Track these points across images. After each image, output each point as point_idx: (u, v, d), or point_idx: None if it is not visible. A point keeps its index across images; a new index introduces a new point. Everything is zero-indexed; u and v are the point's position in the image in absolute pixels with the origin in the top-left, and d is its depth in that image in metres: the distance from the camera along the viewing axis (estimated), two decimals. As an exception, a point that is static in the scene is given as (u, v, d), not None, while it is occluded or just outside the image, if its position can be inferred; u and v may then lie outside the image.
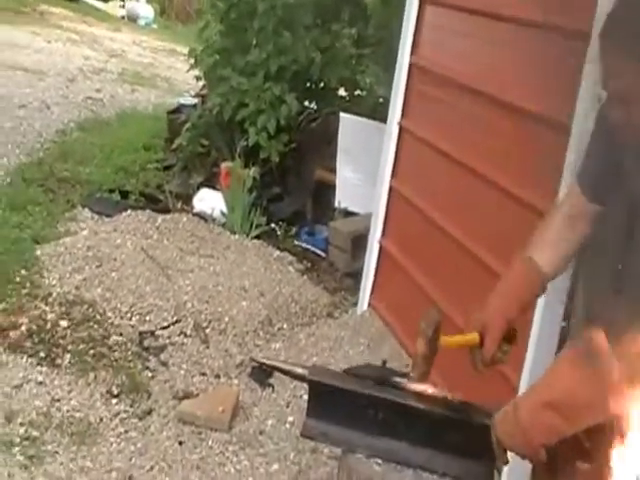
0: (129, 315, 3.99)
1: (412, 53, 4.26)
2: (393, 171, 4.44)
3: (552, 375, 1.66)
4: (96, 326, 3.80)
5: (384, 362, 2.28)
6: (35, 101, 7.55)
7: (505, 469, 3.12)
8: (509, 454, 1.85)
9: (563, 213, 2.13)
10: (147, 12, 15.49)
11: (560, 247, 2.09)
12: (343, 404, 2.12)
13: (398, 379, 2.19)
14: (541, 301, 3.02)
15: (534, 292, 2.09)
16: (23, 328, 3.61)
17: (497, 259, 3.28)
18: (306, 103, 6.29)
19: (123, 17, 15.12)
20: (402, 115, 4.35)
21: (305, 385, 3.26)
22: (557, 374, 1.64)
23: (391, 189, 4.45)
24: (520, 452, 1.71)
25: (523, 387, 3.05)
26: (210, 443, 3.16)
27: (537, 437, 1.65)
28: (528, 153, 3.27)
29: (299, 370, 2.27)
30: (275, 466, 3.08)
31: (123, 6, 15.49)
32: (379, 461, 2.09)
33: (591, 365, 1.57)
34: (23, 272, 4.15)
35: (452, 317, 3.65)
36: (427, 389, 2.20)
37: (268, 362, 3.15)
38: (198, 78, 6.68)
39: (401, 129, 4.36)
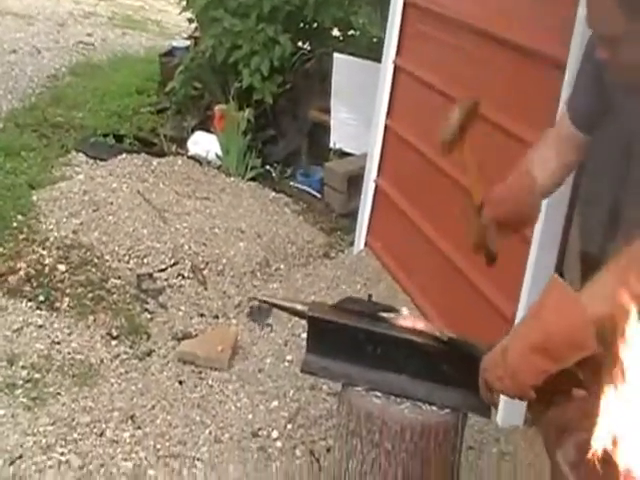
0: (127, 258, 4.01)
1: None
2: (388, 110, 4.41)
3: (538, 316, 1.66)
4: (94, 270, 3.82)
5: (370, 296, 2.31)
6: (26, 46, 7.48)
7: (501, 406, 3.20)
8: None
9: (553, 143, 2.21)
10: (136, -47, 15.22)
11: (548, 169, 2.19)
12: (342, 339, 2.16)
13: (385, 314, 2.23)
14: (536, 237, 3.05)
15: (531, 190, 2.19)
16: (21, 273, 3.63)
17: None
18: (300, 44, 6.23)
19: (112, -41, 14.86)
20: (397, 54, 4.32)
21: (303, 323, 3.32)
22: (543, 314, 1.65)
23: (386, 128, 4.44)
24: (510, 394, 1.74)
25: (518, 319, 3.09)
26: (210, 382, 3.19)
27: (526, 379, 1.67)
28: (524, 89, 3.26)
29: (299, 307, 2.31)
30: (275, 403, 3.12)
31: (112, -52, 15.22)
32: (378, 394, 2.14)
33: (576, 303, 1.59)
34: (20, 217, 4.15)
35: (450, 256, 3.69)
36: (418, 324, 2.24)
37: (269, 300, 3.22)
38: (190, 20, 6.60)
39: (396, 68, 4.33)
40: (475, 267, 3.51)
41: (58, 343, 3.23)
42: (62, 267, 3.76)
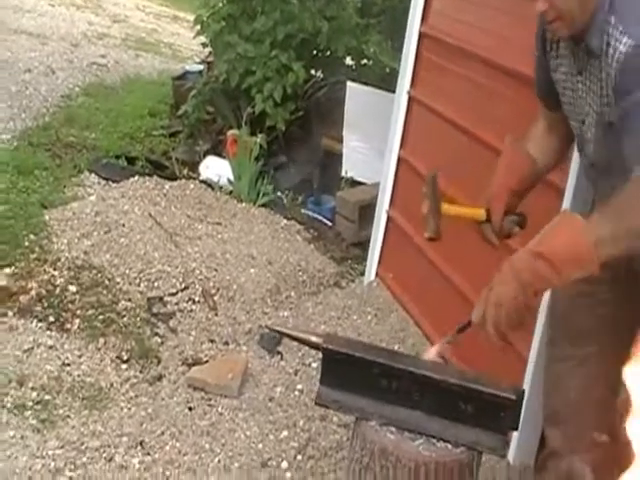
0: (137, 281, 3.99)
1: (422, 22, 4.22)
2: (402, 141, 4.41)
3: (550, 231, 1.77)
4: (105, 291, 3.80)
5: None
6: (40, 65, 7.48)
7: (513, 444, 3.17)
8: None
9: (542, 126, 2.33)
10: (150, -23, 15.32)
11: (547, 144, 2.31)
12: (357, 373, 2.13)
13: None
14: None
15: (530, 175, 2.26)
16: (33, 292, 3.61)
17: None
18: (312, 72, 6.26)
19: (126, -18, 14.97)
20: (411, 85, 4.32)
21: (313, 353, 3.30)
22: (554, 231, 1.76)
23: (399, 159, 4.43)
24: (509, 294, 1.78)
25: (533, 360, 3.06)
26: (220, 409, 3.17)
27: (528, 279, 1.75)
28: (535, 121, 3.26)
29: (314, 338, 2.28)
30: (285, 433, 3.09)
31: (126, -30, 15.33)
32: (392, 429, 2.11)
33: (583, 228, 1.72)
34: (32, 237, 4.13)
35: (461, 288, 3.67)
36: (439, 360, 2.22)
37: (281, 330, 3.19)
38: (204, 45, 6.63)
39: (410, 99, 4.33)
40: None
41: (68, 365, 3.21)
42: (73, 288, 3.74)
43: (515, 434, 3.12)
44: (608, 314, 2.22)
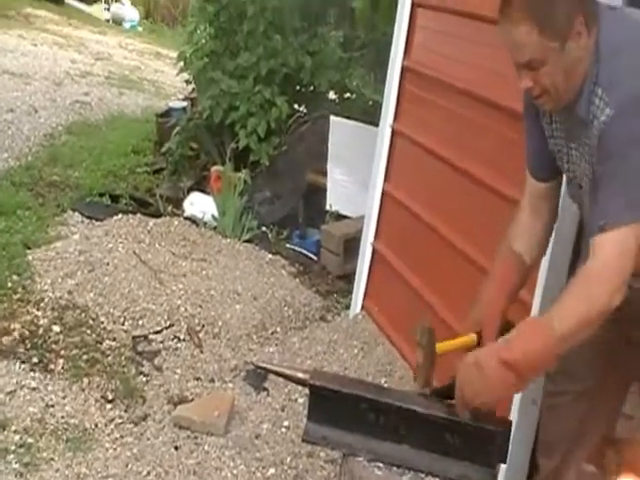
0: (122, 320, 3.97)
1: (405, 56, 4.25)
2: (386, 174, 4.43)
3: (519, 338, 1.86)
4: (89, 331, 3.77)
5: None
6: (23, 105, 7.50)
7: (502, 474, 3.15)
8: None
9: (527, 205, 2.29)
10: (132, 15, 15.42)
11: (532, 236, 2.27)
12: (344, 408, 2.13)
13: None
14: (536, 302, 3.02)
15: (520, 281, 2.26)
16: (15, 334, 3.58)
17: (492, 261, 3.28)
18: (296, 106, 6.29)
19: (108, 20, 15.05)
20: (394, 118, 4.34)
21: (300, 389, 3.27)
22: (523, 338, 1.85)
23: (384, 192, 4.44)
24: (485, 404, 1.94)
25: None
26: (206, 448, 3.13)
27: (499, 391, 1.90)
28: (518, 153, 3.27)
29: (300, 374, 2.27)
30: (272, 470, 3.06)
31: (108, 9, 15.41)
32: (380, 465, 2.10)
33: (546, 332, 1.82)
34: (14, 277, 4.11)
35: (447, 320, 3.65)
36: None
37: (268, 367, 3.16)
38: (188, 82, 6.66)
39: (393, 132, 4.35)
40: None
41: (52, 406, 3.18)
42: (57, 328, 3.71)
43: (503, 467, 3.10)
44: (601, 347, 2.21)
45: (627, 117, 1.86)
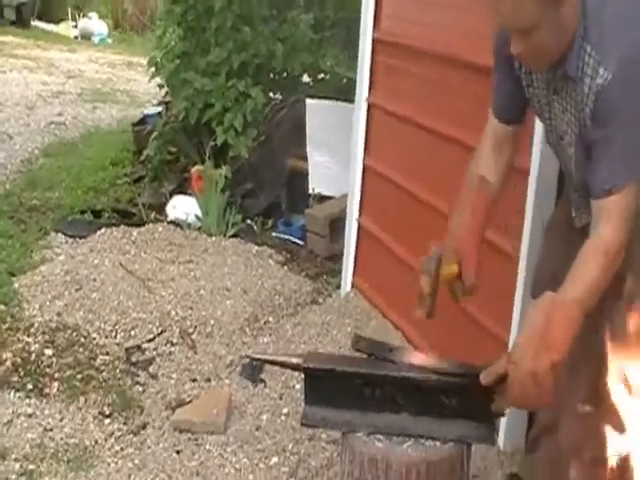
0: (114, 333, 3.99)
1: (374, 28, 4.26)
2: (365, 149, 4.44)
3: (550, 327, 1.88)
4: (81, 349, 3.80)
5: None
6: (-4, 133, 7.52)
7: (502, 429, 3.17)
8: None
9: (491, 143, 2.33)
10: (101, 28, 15.38)
11: (496, 165, 2.32)
12: (340, 387, 2.15)
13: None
14: (523, 256, 3.03)
15: (490, 205, 2.31)
16: (8, 363, 3.60)
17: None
18: (271, 94, 6.29)
19: (77, 37, 15.01)
20: (370, 91, 4.35)
21: (296, 375, 3.29)
22: (553, 326, 1.88)
23: (365, 167, 4.46)
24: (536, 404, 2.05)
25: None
26: (208, 447, 3.16)
27: (546, 382, 1.88)
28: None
29: (294, 360, 2.30)
30: (274, 459, 3.09)
31: (76, 26, 15.38)
32: (380, 437, 2.12)
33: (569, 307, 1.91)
34: (2, 307, 4.12)
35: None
36: (419, 359, 2.24)
37: (262, 357, 3.22)
38: (160, 86, 6.66)
39: (369, 105, 4.36)
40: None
41: (50, 430, 3.20)
42: (49, 351, 3.73)
43: (503, 419, 3.13)
44: None
45: (625, 81, 1.90)
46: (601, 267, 1.93)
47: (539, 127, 2.72)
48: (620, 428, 1.95)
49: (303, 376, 2.20)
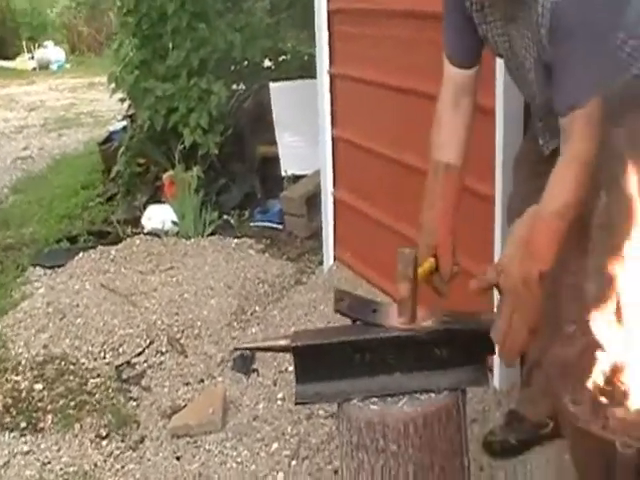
0: (102, 354, 3.96)
1: (328, 2, 4.24)
2: (332, 120, 4.41)
3: (532, 239, 1.89)
4: (72, 377, 3.76)
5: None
6: (-38, 179, 7.48)
7: (496, 369, 3.14)
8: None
9: (448, 100, 2.30)
10: (58, 55, 15.36)
11: (457, 138, 2.28)
12: (329, 358, 2.12)
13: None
14: (498, 197, 3.00)
15: (458, 190, 2.28)
16: (-1, 405, 3.58)
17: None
18: (234, 86, 6.26)
19: (35, 68, 14.97)
20: (330, 63, 4.33)
21: (288, 357, 3.27)
22: (536, 237, 1.89)
23: (334, 139, 4.43)
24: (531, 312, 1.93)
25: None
26: (207, 447, 3.13)
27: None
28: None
29: (281, 342, 2.27)
30: (275, 445, 3.06)
31: (32, 57, 15.34)
32: (375, 400, 2.10)
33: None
34: (-14, 352, 4.11)
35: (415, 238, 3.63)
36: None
37: (250, 346, 3.20)
38: (122, 100, 6.62)
39: (332, 77, 4.34)
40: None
41: (49, 463, 3.16)
42: (39, 386, 3.70)
43: (495, 358, 3.10)
44: None
45: None
46: (576, 177, 1.92)
47: (500, 66, 2.69)
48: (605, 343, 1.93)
49: (292, 355, 2.19)
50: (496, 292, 3.03)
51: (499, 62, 2.63)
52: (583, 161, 1.92)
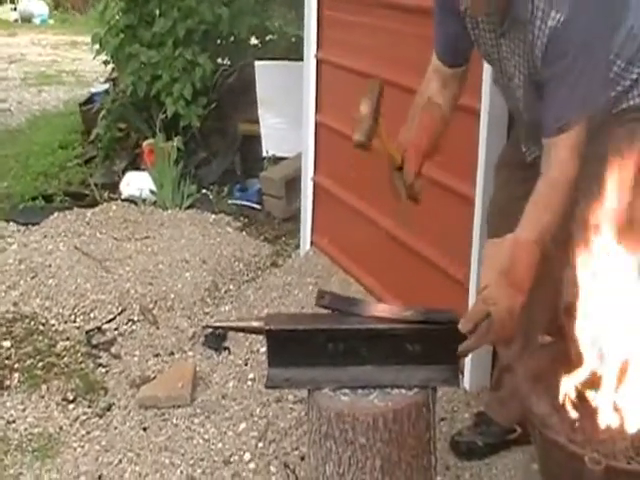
0: (73, 318, 3.93)
1: None
2: (316, 105, 4.39)
3: (513, 263, 1.97)
4: (41, 337, 3.73)
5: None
6: (-62, 129, 7.36)
7: (467, 370, 3.17)
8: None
9: (436, 78, 2.39)
10: (41, 9, 15.14)
11: (443, 94, 2.38)
12: (303, 345, 2.14)
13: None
14: (478, 197, 3.01)
15: (440, 129, 2.36)
16: (-36, 361, 3.54)
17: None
18: (219, 60, 6.21)
19: (17, 20, 14.74)
20: (318, 47, 4.31)
21: (261, 339, 3.28)
22: (516, 262, 1.98)
23: (317, 124, 4.41)
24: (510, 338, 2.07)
25: (473, 287, 3.05)
26: (175, 421, 3.13)
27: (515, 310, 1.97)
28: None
29: (254, 324, 2.28)
30: (242, 425, 3.06)
31: (15, 8, 15.11)
32: (346, 391, 2.11)
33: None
34: (-45, 307, 4.05)
35: (394, 232, 3.64)
36: (381, 310, 2.23)
37: (223, 325, 3.19)
38: (106, 62, 6.54)
39: (318, 62, 4.32)
40: (421, 238, 3.49)
41: (13, 422, 3.14)
42: (7, 343, 3.66)
43: (467, 361, 3.13)
44: None
45: (577, 22, 1.92)
46: (553, 206, 1.99)
47: (488, 68, 2.70)
48: (578, 356, 1.95)
49: (265, 338, 2.19)
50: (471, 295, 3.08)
51: (487, 65, 2.64)
52: (560, 189, 1.99)
